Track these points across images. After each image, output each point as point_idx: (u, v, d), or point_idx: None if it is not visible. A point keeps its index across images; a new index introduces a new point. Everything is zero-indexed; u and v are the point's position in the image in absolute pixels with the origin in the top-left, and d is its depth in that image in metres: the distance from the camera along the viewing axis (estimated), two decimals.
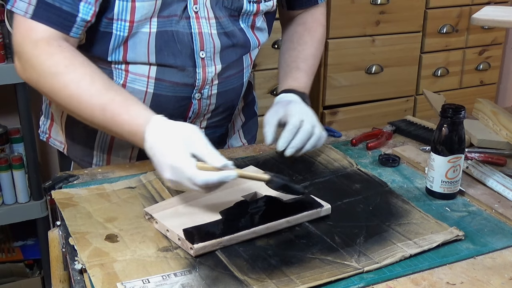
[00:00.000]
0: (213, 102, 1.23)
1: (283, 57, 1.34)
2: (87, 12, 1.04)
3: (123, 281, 0.82)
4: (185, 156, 0.91)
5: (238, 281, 0.83)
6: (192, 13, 1.12)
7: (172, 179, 0.93)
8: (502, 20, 1.18)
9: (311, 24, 1.36)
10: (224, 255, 0.89)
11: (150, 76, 1.15)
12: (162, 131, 0.96)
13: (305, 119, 1.14)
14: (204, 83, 1.18)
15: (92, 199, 1.05)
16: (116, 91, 1.02)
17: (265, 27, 1.27)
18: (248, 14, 1.19)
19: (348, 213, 1.02)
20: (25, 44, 1.03)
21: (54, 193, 1.07)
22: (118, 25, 1.08)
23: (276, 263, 0.87)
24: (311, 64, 1.32)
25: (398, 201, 1.07)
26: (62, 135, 1.31)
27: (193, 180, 0.90)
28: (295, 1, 1.35)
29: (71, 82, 1.01)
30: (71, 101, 1.02)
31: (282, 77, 1.30)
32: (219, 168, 0.91)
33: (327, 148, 1.27)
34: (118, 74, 1.15)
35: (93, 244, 0.91)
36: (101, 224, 0.97)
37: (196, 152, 0.92)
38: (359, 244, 0.93)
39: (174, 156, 0.92)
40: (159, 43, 1.11)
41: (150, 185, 1.10)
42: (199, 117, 1.25)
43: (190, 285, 0.82)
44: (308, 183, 1.13)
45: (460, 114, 1.05)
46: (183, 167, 0.91)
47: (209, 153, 0.92)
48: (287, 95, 1.23)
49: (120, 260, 0.87)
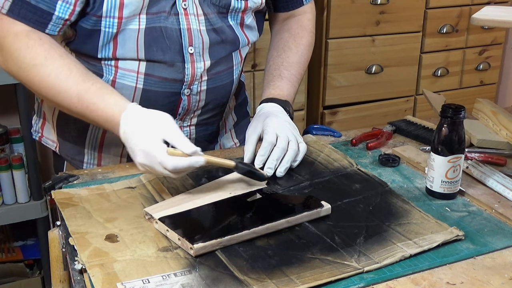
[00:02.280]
0: (202, 98, 1.24)
1: (267, 65, 1.35)
2: (64, 11, 1.07)
3: (123, 281, 0.82)
4: (157, 142, 0.97)
5: (238, 281, 0.83)
6: (181, 9, 1.14)
7: (144, 163, 0.98)
8: (502, 20, 1.18)
9: (296, 30, 1.36)
10: (224, 255, 0.89)
11: (140, 72, 1.16)
12: (136, 118, 1.01)
13: (280, 135, 1.15)
14: (193, 78, 1.19)
15: (92, 199, 1.05)
16: (93, 81, 1.07)
17: (255, 26, 1.27)
18: (236, 11, 1.20)
19: (348, 213, 1.02)
20: (6, 36, 1.07)
21: (54, 193, 1.07)
22: (107, 22, 1.09)
23: (276, 263, 0.87)
24: (295, 71, 1.32)
25: (398, 201, 1.07)
26: (54, 133, 1.32)
27: (164, 164, 0.96)
28: (281, 3, 1.35)
29: (50, 74, 1.05)
30: (51, 92, 1.07)
31: (265, 85, 1.31)
32: (188, 154, 0.96)
33: (327, 148, 1.27)
34: (108, 70, 1.16)
35: (93, 244, 0.91)
36: (101, 224, 0.97)
37: (168, 138, 0.98)
38: (359, 244, 0.93)
39: (147, 141, 0.98)
40: (148, 39, 1.13)
41: (150, 185, 1.10)
42: (189, 114, 1.26)
43: (190, 285, 0.82)
44: (308, 183, 1.12)
45: (460, 114, 1.05)
46: (154, 152, 0.97)
47: (180, 139, 0.98)
48: (267, 105, 1.24)
49: (120, 260, 0.87)
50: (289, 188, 1.10)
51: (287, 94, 1.28)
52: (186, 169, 0.97)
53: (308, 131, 1.38)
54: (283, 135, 1.15)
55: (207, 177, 1.11)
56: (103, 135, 1.25)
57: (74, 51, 1.18)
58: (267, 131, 1.15)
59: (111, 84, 1.17)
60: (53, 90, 1.06)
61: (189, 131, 1.29)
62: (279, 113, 1.21)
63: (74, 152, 1.29)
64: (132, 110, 1.02)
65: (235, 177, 1.10)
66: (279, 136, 1.15)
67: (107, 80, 1.17)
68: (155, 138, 0.97)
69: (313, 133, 1.37)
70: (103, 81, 1.09)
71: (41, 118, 1.35)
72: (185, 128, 1.28)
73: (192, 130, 1.29)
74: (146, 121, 1.00)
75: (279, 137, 1.14)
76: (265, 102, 1.25)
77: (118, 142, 1.23)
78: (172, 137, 0.98)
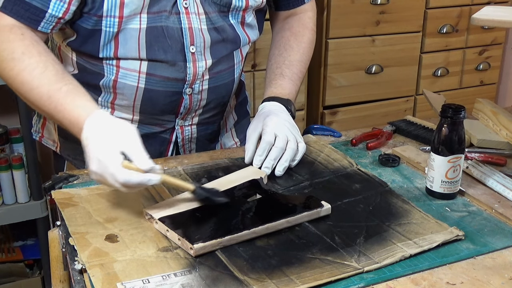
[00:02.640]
0: (204, 98, 1.24)
1: (269, 63, 1.35)
2: (58, 9, 1.06)
3: (123, 281, 0.82)
4: (113, 152, 0.92)
5: (238, 281, 0.83)
6: (182, 8, 1.14)
7: (97, 172, 0.94)
8: (502, 20, 1.18)
9: (297, 29, 1.36)
10: (224, 255, 0.89)
11: (141, 71, 1.16)
12: (99, 125, 0.97)
13: (278, 135, 1.15)
14: (195, 77, 1.19)
15: (92, 199, 1.05)
16: (67, 81, 1.04)
17: (255, 24, 1.27)
18: (237, 10, 1.20)
19: (348, 213, 1.02)
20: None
21: (54, 193, 1.07)
22: (108, 22, 1.09)
23: (276, 263, 0.87)
24: (296, 70, 1.32)
25: (398, 201, 1.06)
26: (55, 133, 1.32)
27: (115, 176, 0.91)
28: (282, 2, 1.35)
29: (25, 69, 1.04)
30: (23, 88, 1.05)
31: (267, 84, 1.31)
32: (144, 170, 0.91)
33: (327, 148, 1.27)
34: (109, 70, 1.16)
35: (93, 244, 0.91)
36: (101, 224, 0.97)
37: (126, 150, 0.92)
38: (359, 244, 0.93)
39: (103, 150, 0.93)
40: (149, 39, 1.13)
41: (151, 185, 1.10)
42: (190, 113, 1.26)
43: (190, 285, 0.82)
44: (308, 183, 1.13)
45: (460, 114, 1.05)
46: (108, 162, 0.92)
47: (138, 154, 0.92)
48: (269, 104, 1.24)
49: (120, 260, 0.87)
50: (289, 188, 1.10)
51: (289, 92, 1.28)
52: (137, 185, 0.92)
53: (308, 131, 1.38)
54: (282, 134, 1.15)
55: (207, 177, 1.11)
56: None
57: (75, 50, 1.18)
58: (265, 130, 1.15)
59: (112, 84, 1.18)
60: (26, 86, 1.04)
61: (190, 131, 1.29)
62: (280, 112, 1.21)
63: (75, 152, 1.28)
64: (97, 116, 0.98)
65: (235, 177, 1.10)
66: (277, 135, 1.15)
67: (108, 80, 1.17)
68: (113, 148, 0.93)
69: (313, 133, 1.37)
70: (78, 83, 1.06)
71: (41, 119, 1.35)
72: (187, 127, 1.28)
73: (193, 130, 1.29)
74: (108, 129, 0.96)
75: (278, 137, 1.14)
76: (267, 101, 1.25)
77: None
78: (131, 150, 0.92)
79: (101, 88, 1.20)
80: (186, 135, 1.29)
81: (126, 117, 1.22)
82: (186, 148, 1.31)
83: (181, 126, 1.27)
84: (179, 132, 1.28)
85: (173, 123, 1.26)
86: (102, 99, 1.22)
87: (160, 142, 1.28)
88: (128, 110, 1.22)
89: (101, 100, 1.22)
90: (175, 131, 1.28)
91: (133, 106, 1.21)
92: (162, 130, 1.27)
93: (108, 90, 1.19)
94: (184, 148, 1.31)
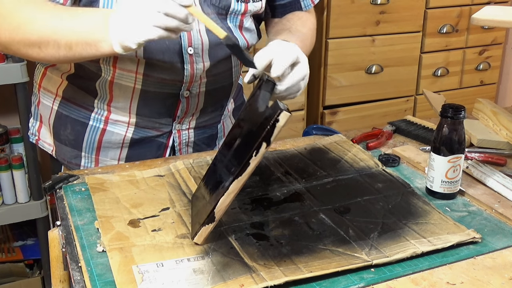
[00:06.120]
0: (201, 100, 1.24)
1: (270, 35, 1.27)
2: None
3: (139, 264, 0.86)
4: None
5: (247, 267, 0.85)
6: None
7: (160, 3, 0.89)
8: (502, 20, 1.18)
9: (299, 15, 1.31)
10: (238, 242, 0.92)
11: (138, 72, 1.15)
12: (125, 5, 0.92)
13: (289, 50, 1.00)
14: (193, 79, 1.19)
15: (122, 185, 1.10)
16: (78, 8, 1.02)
17: (254, 29, 1.26)
18: (236, 14, 1.19)
19: (366, 209, 1.03)
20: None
21: (87, 178, 1.12)
22: None
23: (286, 252, 0.89)
24: (303, 37, 1.23)
25: (419, 201, 1.06)
26: (51, 137, 1.30)
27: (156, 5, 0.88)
28: (278, 9, 1.32)
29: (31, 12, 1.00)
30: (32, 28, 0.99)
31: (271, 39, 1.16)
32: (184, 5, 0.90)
33: (355, 148, 1.28)
34: (106, 70, 1.16)
35: (115, 229, 0.95)
36: (127, 209, 1.02)
37: None
38: (372, 238, 0.93)
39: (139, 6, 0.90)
40: None
41: (178, 174, 1.14)
42: (187, 116, 1.25)
43: (201, 270, 0.85)
44: (331, 179, 1.13)
45: (460, 114, 1.05)
46: None
47: None
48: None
49: (139, 245, 0.91)
50: (311, 183, 1.11)
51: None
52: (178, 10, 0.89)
53: (308, 131, 1.38)
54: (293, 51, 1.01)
55: None
56: (101, 138, 1.24)
57: None
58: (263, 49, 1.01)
59: (109, 85, 1.17)
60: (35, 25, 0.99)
61: (187, 135, 1.28)
62: None
63: (71, 156, 1.27)
64: None
65: None
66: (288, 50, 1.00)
67: (105, 80, 1.17)
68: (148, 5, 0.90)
69: (313, 133, 1.37)
70: None
71: (37, 121, 1.34)
72: (184, 131, 1.27)
73: (190, 133, 1.29)
74: None
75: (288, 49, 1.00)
76: None
77: (116, 145, 1.24)
78: None
79: (97, 90, 1.19)
80: (183, 139, 1.28)
81: (122, 119, 1.22)
82: (183, 152, 1.30)
83: (178, 130, 1.27)
84: (176, 136, 1.27)
85: (170, 126, 1.25)
86: (98, 101, 1.21)
87: (156, 146, 1.27)
88: (125, 112, 1.21)
89: (97, 102, 1.21)
90: (172, 135, 1.27)
91: (129, 107, 1.20)
92: (159, 134, 1.25)
93: (104, 91, 1.19)
94: (181, 153, 1.30)
